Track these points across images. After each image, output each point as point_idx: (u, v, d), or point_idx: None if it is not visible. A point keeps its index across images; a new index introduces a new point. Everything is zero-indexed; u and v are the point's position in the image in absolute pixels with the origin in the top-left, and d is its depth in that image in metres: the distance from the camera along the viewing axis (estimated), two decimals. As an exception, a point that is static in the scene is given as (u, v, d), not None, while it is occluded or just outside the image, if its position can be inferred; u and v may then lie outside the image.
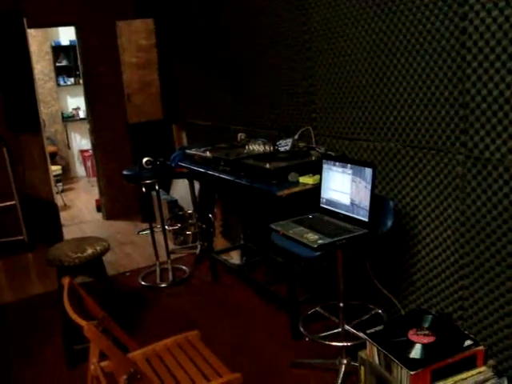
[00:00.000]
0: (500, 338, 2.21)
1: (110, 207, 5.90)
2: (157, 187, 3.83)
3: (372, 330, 2.19)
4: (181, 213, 4.65)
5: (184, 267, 4.21)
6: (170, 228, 4.54)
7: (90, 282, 3.22)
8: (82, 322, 1.66)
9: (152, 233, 4.09)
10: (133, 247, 4.80)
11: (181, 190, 4.87)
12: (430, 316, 2.23)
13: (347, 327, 2.58)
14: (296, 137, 3.24)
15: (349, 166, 2.36)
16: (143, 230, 4.30)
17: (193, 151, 3.46)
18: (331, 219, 2.46)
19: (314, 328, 2.86)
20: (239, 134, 3.65)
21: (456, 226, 2.32)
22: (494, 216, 2.13)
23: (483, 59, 2.03)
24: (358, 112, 2.76)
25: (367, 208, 2.25)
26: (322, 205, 2.58)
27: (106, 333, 2.03)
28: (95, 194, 6.28)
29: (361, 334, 2.18)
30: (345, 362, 2.55)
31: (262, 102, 3.66)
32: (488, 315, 2.26)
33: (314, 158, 2.80)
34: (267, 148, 3.18)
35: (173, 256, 4.46)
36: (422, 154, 2.42)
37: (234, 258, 4.14)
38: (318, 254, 2.14)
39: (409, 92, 2.42)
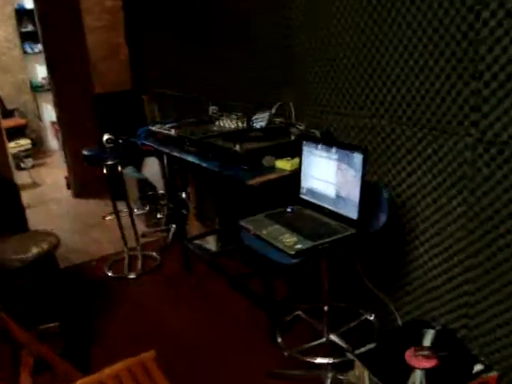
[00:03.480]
0: (515, 358, 1.85)
1: (79, 184, 5.45)
2: (120, 168, 3.38)
3: (363, 350, 1.82)
4: (151, 193, 4.22)
5: (155, 254, 3.82)
6: (139, 212, 4.12)
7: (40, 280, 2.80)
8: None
9: (118, 218, 3.67)
10: (101, 231, 4.38)
11: (153, 167, 4.42)
12: (431, 331, 1.86)
13: (332, 337, 2.21)
14: (273, 111, 2.80)
15: (334, 149, 1.94)
16: (110, 214, 3.88)
17: (156, 128, 3.02)
18: (314, 214, 2.05)
19: (295, 335, 2.49)
20: (211, 108, 3.20)
21: (462, 221, 1.93)
22: (511, 212, 1.73)
23: (504, 17, 1.59)
24: (344, 83, 2.33)
25: (356, 203, 1.85)
26: (302, 196, 2.17)
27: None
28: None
29: (350, 356, 1.81)
30: (330, 375, 2.20)
31: (237, 71, 3.20)
32: (497, 328, 1.89)
33: (293, 138, 2.37)
34: (240, 124, 2.74)
35: (144, 240, 4.06)
36: (421, 134, 2.00)
37: (210, 243, 3.75)
38: (295, 261, 1.74)
39: (406, 58, 1.99)
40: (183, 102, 4.04)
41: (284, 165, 2.22)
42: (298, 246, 1.75)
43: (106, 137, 3.30)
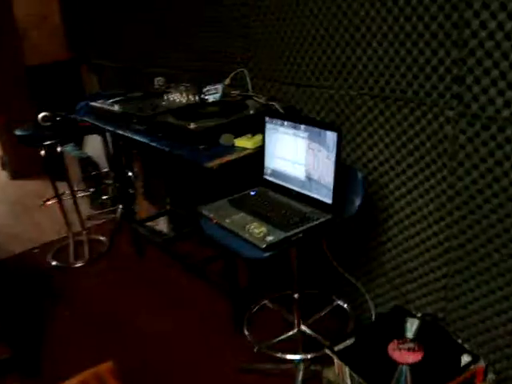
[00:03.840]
0: (500, 346, 1.75)
1: (16, 164, 5.01)
2: (59, 149, 3.06)
3: (341, 346, 1.67)
4: (94, 173, 3.91)
5: (102, 238, 3.55)
6: (82, 194, 3.80)
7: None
8: None
9: (60, 201, 3.35)
10: (43, 214, 4.02)
11: (95, 144, 4.09)
12: (413, 320, 1.73)
13: (304, 328, 2.06)
14: (227, 82, 2.57)
15: (302, 127, 1.74)
16: (48, 200, 3.56)
17: (98, 104, 2.71)
18: (281, 198, 1.86)
19: (263, 326, 2.33)
20: (156, 79, 2.92)
21: (441, 200, 1.80)
22: (495, 192, 1.61)
23: (494, -25, 1.42)
24: (307, 49, 2.12)
25: (331, 186, 1.67)
26: (266, 177, 1.97)
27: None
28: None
29: (328, 351, 1.66)
30: (302, 367, 2.05)
31: (183, 36, 2.91)
32: (478, 311, 1.79)
33: (252, 112, 2.15)
34: (191, 98, 2.49)
35: (89, 223, 3.77)
36: (395, 107, 1.83)
37: (161, 224, 3.50)
38: (267, 255, 1.55)
39: (379, 24, 1.79)
40: (125, 73, 3.72)
41: (244, 143, 2.00)
42: (270, 238, 1.56)
43: (41, 115, 2.97)
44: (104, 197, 3.88)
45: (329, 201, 1.68)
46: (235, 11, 2.43)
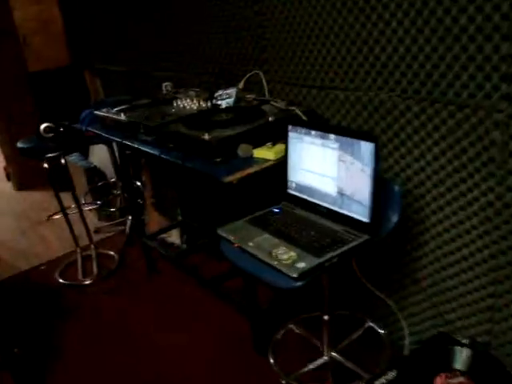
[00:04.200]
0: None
1: (21, 175, 4.86)
2: (63, 161, 2.89)
3: (383, 381, 1.48)
4: (100, 183, 3.74)
5: (112, 253, 3.37)
6: (89, 208, 3.64)
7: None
8: None
9: (66, 215, 3.19)
10: (50, 227, 3.86)
11: (101, 153, 3.92)
12: (461, 349, 1.54)
13: (334, 354, 1.88)
14: (240, 85, 2.39)
15: (332, 137, 1.55)
16: (54, 214, 3.39)
17: (103, 113, 2.54)
18: (308, 215, 1.68)
19: (288, 351, 2.14)
20: (164, 84, 2.74)
21: (487, 213, 1.61)
22: (554, 204, 1.41)
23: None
24: (330, 48, 1.93)
25: (367, 202, 1.48)
26: (290, 191, 1.78)
27: None
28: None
29: (366, 389, 1.47)
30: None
31: (191, 37, 2.73)
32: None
33: (271, 119, 1.96)
34: (202, 104, 2.31)
35: (98, 236, 3.61)
36: (432, 110, 1.65)
37: (173, 235, 3.34)
38: (299, 284, 1.37)
39: (413, 18, 1.60)
40: (130, 78, 3.55)
41: (265, 154, 1.82)
42: (301, 265, 1.38)
43: (43, 126, 2.80)
44: (112, 209, 3.70)
45: (365, 219, 1.49)
46: (248, 9, 2.24)
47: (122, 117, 2.37)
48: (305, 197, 1.72)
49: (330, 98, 2.00)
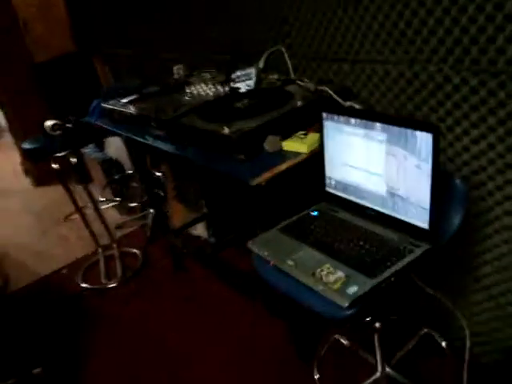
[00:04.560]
0: None
1: (38, 171, 4.66)
2: (74, 160, 2.67)
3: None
4: (117, 176, 3.52)
5: (135, 250, 3.18)
6: (107, 206, 3.43)
7: None
8: None
9: (83, 215, 2.99)
10: (71, 226, 3.66)
11: (117, 143, 3.68)
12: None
13: (389, 370, 1.63)
14: (261, 64, 2.10)
15: (378, 126, 1.28)
16: (71, 214, 3.20)
17: (110, 105, 2.29)
18: (352, 219, 1.42)
19: (335, 365, 1.90)
20: (175, 68, 2.47)
21: None
22: None
23: None
24: (363, 14, 1.63)
25: (425, 205, 1.21)
26: (328, 189, 1.52)
27: None
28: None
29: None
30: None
31: (205, 12, 2.44)
32: None
33: (300, 103, 1.68)
34: (219, 88, 2.04)
35: (119, 232, 3.42)
36: (494, 83, 1.35)
37: (198, 229, 3.11)
38: (350, 312, 1.12)
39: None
40: (140, 62, 3.28)
41: (297, 146, 1.55)
42: (352, 290, 1.12)
43: (49, 123, 2.56)
44: (132, 204, 3.48)
45: (424, 225, 1.23)
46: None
47: (131, 109, 2.12)
48: (347, 196, 1.45)
49: (367, 73, 1.71)
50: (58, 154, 2.61)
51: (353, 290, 1.13)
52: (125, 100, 2.25)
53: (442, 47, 1.44)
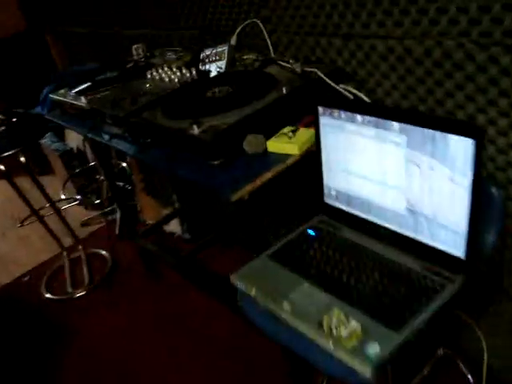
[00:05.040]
0: None
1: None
2: (22, 159, 2.32)
3: None
4: (78, 170, 3.16)
5: (104, 252, 2.86)
6: (67, 206, 3.09)
7: None
8: None
9: (41, 219, 2.65)
10: (32, 226, 3.27)
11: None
12: None
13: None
14: (233, 41, 1.79)
15: (396, 126, 0.97)
16: (27, 218, 2.84)
17: (59, 96, 1.94)
18: (361, 239, 1.13)
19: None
20: (134, 47, 2.12)
21: None
22: None
23: None
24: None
25: (459, 228, 0.92)
26: (328, 201, 1.22)
27: None
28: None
29: None
30: None
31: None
32: None
33: (285, 90, 1.37)
34: (185, 73, 1.71)
35: (86, 231, 3.09)
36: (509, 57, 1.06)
37: (172, 225, 2.81)
38: (370, 378, 0.84)
39: None
40: (98, 40, 2.90)
41: (286, 147, 1.25)
42: (374, 350, 0.85)
43: (-12, 119, 2.20)
44: (97, 200, 3.15)
45: (457, 253, 0.95)
46: None
47: (83, 102, 1.78)
48: (352, 211, 1.16)
49: (364, 50, 1.40)
50: (4, 154, 2.25)
51: (374, 349, 0.85)
52: (76, 90, 1.90)
53: (462, 17, 1.13)
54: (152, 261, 2.52)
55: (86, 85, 1.96)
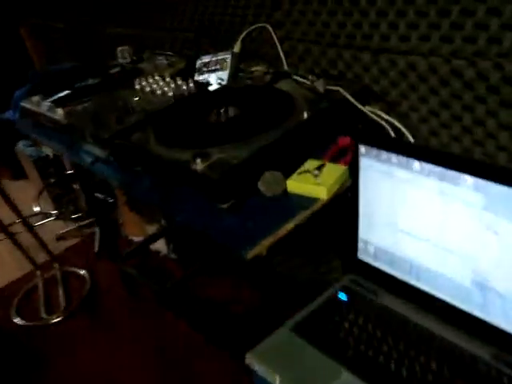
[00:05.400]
0: None
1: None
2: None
3: None
4: (53, 180, 2.89)
5: (82, 272, 2.59)
6: (40, 222, 2.82)
7: None
8: None
9: (12, 236, 2.38)
10: (3, 240, 2.95)
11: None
12: None
13: None
14: (236, 48, 1.55)
15: (469, 180, 0.75)
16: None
17: (31, 105, 1.69)
18: (406, 311, 0.90)
19: None
20: (119, 50, 1.86)
21: None
22: None
23: None
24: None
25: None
26: (362, 257, 0.99)
27: None
28: None
29: None
30: None
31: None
32: None
33: (306, 115, 1.13)
34: (180, 84, 1.47)
35: (62, 245, 2.83)
36: None
37: (157, 244, 2.57)
38: None
39: None
40: (79, 37, 2.63)
41: (311, 188, 1.01)
42: None
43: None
44: (74, 215, 2.88)
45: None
46: None
47: (59, 115, 1.52)
48: (396, 274, 0.93)
49: (399, 68, 1.17)
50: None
51: None
52: (51, 99, 1.64)
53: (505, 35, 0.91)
54: (134, 285, 2.27)
55: (63, 93, 1.70)
